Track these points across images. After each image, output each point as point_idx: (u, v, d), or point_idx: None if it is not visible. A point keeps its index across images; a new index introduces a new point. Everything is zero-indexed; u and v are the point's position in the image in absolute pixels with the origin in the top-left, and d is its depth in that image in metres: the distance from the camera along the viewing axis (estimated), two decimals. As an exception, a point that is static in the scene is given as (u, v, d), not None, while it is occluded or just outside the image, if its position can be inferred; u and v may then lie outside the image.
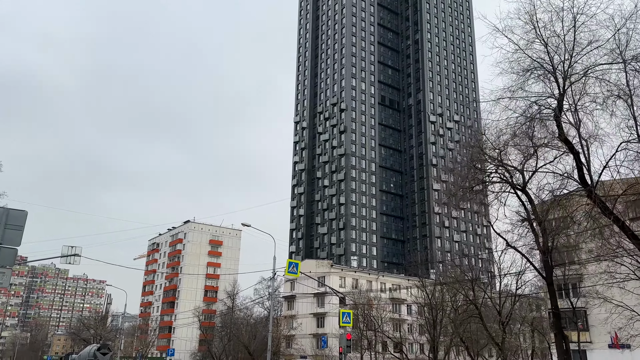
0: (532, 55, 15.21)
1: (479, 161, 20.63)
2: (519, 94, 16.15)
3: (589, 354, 38.26)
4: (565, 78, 14.67)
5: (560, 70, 14.75)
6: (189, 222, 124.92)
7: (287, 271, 27.20)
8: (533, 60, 15.08)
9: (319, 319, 71.10)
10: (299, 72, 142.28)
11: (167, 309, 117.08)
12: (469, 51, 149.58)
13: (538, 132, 18.04)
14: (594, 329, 38.83)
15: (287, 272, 27.04)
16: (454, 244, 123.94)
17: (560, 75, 14.74)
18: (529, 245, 26.21)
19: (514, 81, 15.66)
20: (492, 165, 20.99)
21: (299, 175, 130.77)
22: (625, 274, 33.21)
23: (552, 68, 14.80)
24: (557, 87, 14.87)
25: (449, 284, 49.29)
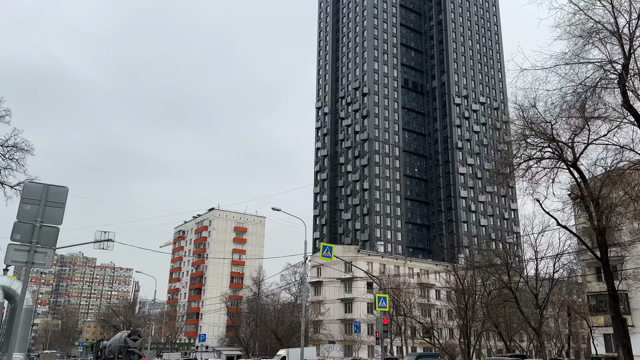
0: (593, 16, 13.98)
1: (528, 136, 19.44)
2: (575, 61, 14.98)
3: (632, 338, 36.84)
4: (631, 40, 13.43)
5: (625, 33, 13.51)
6: (214, 209, 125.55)
7: (321, 255, 26.55)
8: (595, 22, 13.86)
9: (347, 304, 70.73)
10: (319, 57, 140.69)
11: (194, 296, 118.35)
12: (494, 31, 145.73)
13: (590, 104, 16.87)
14: (637, 312, 37.36)
15: (322, 256, 26.39)
16: (481, 229, 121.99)
17: (626, 38, 13.51)
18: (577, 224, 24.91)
19: (571, 48, 14.46)
20: (541, 140, 19.78)
21: (322, 162, 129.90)
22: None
23: (617, 30, 13.57)
24: (622, 51, 13.64)
25: (482, 267, 48.18)
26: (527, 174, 19.86)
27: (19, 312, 9.65)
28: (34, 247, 8.15)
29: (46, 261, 8.26)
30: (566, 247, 40.54)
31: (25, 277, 8.23)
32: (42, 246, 8.28)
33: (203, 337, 57.16)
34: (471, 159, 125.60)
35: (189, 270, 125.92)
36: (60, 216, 8.55)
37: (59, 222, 8.50)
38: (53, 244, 8.41)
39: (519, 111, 20.06)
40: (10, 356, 8.15)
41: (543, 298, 41.53)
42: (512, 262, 41.46)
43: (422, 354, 44.91)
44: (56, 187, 8.66)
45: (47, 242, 8.36)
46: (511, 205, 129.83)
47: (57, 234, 8.49)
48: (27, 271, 8.08)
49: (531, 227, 41.11)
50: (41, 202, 8.38)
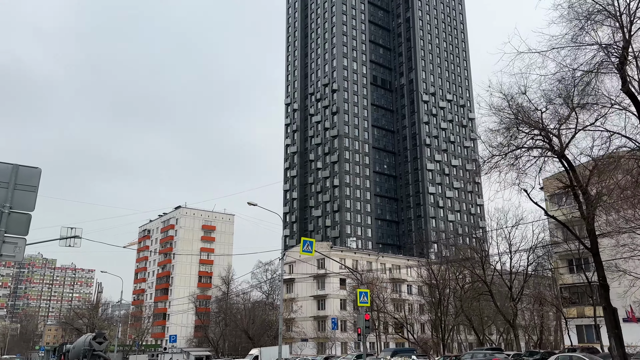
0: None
1: (518, 124, 19.07)
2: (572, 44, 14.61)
3: (603, 330, 37.46)
4: (631, 23, 13.10)
5: (626, 14, 13.17)
6: (181, 207, 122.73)
7: (301, 250, 25.69)
8: (594, 3, 13.47)
9: (320, 301, 70.08)
10: (288, 53, 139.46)
11: (160, 296, 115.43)
12: (460, 29, 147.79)
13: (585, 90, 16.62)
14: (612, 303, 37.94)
15: (302, 250, 25.54)
16: (449, 224, 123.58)
17: (626, 20, 13.17)
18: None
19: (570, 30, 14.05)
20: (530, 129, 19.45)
21: (291, 158, 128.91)
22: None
23: (617, 11, 13.23)
24: (622, 34, 13.30)
25: (456, 261, 48.35)
26: (516, 164, 19.51)
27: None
28: (2, 236, 6.98)
29: (16, 252, 7.10)
30: (540, 240, 41.01)
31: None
32: (11, 235, 7.12)
33: (174, 338, 55.35)
34: (439, 156, 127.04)
35: (155, 270, 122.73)
36: (32, 201, 7.38)
37: (31, 207, 7.34)
38: (24, 232, 7.25)
39: (504, 100, 19.66)
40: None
41: (517, 291, 41.90)
42: (486, 256, 41.56)
43: (398, 349, 44.66)
44: (27, 168, 7.47)
45: (17, 230, 7.19)
46: (477, 201, 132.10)
47: (28, 222, 7.32)
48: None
49: (505, 220, 41.41)
50: (9, 185, 7.19)
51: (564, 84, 16.20)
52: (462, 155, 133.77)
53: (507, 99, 19.63)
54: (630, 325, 37.57)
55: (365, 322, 25.84)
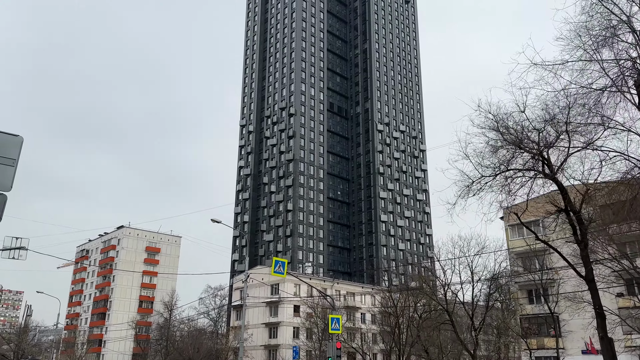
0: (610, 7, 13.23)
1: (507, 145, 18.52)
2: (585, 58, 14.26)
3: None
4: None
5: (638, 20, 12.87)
6: (124, 227, 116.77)
7: (272, 271, 23.90)
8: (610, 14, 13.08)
9: (272, 329, 67.35)
10: (245, 75, 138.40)
11: (97, 321, 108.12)
12: (414, 63, 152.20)
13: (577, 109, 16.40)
14: (570, 334, 38.18)
15: (274, 271, 23.75)
16: (399, 253, 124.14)
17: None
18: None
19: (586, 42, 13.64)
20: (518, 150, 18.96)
21: (244, 181, 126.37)
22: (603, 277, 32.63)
23: (627, 17, 12.92)
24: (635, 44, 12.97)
25: (417, 289, 47.63)
26: (506, 185, 18.89)
27: None
28: (-35, 222, 5.16)
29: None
30: (503, 269, 41.01)
31: None
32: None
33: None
34: (391, 184, 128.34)
35: (93, 293, 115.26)
36: (9, 178, 5.56)
37: (7, 186, 5.53)
38: (6, 188, 5.39)
39: (492, 120, 19.12)
40: None
41: (478, 321, 41.48)
42: (448, 284, 41.03)
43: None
44: (3, 135, 5.67)
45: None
46: (427, 231, 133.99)
47: (3, 205, 5.51)
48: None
49: (467, 248, 41.21)
50: (-22, 155, 5.39)
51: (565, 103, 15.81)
52: (414, 185, 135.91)
53: (495, 119, 19.16)
54: (589, 357, 37.87)
55: (337, 350, 24.20)
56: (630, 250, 34.72)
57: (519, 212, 19.21)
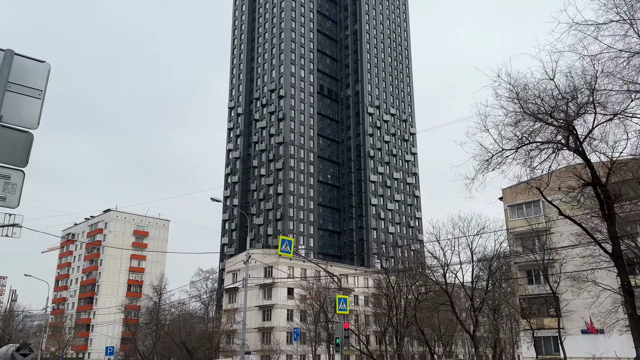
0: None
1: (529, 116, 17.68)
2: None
3: (566, 341, 37.36)
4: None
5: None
6: (111, 210, 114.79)
7: (279, 250, 23.02)
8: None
9: (265, 311, 66.78)
10: (233, 55, 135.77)
11: (84, 305, 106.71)
12: (404, 46, 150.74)
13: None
14: (572, 314, 38.04)
15: (280, 251, 22.87)
16: (389, 236, 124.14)
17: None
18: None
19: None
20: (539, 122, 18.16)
21: (233, 164, 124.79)
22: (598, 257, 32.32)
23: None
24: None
25: (414, 270, 47.24)
26: (527, 159, 18.11)
27: None
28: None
29: (8, 193, 4.24)
30: (504, 250, 40.66)
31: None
32: (1, 163, 4.25)
33: (111, 350, 49.55)
34: (382, 168, 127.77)
35: (79, 278, 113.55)
36: (36, 113, 4.49)
37: (34, 123, 4.48)
38: (21, 162, 4.37)
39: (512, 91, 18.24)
40: None
41: (478, 302, 41.23)
42: (448, 265, 40.60)
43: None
44: (29, 61, 4.53)
45: (10, 157, 4.32)
46: (416, 214, 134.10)
47: (28, 146, 4.44)
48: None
49: (468, 228, 40.75)
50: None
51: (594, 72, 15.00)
52: (403, 169, 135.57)
53: (515, 90, 18.31)
54: (589, 337, 37.81)
55: (345, 331, 23.50)
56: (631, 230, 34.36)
57: (541, 187, 18.43)
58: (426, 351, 64.41)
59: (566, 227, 38.44)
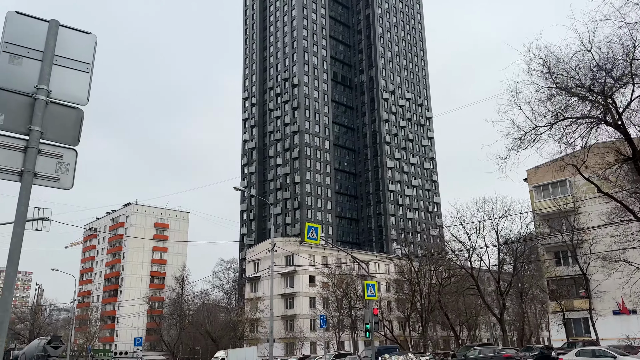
0: None
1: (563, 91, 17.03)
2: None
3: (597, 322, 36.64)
4: None
5: None
6: (131, 204, 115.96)
7: (306, 237, 22.82)
8: None
9: (288, 299, 67.00)
10: (246, 45, 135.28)
11: (109, 298, 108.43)
12: (418, 29, 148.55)
13: None
14: (599, 296, 37.29)
15: (307, 238, 22.67)
16: (407, 222, 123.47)
17: None
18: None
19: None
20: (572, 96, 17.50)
21: (249, 154, 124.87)
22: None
23: None
24: None
25: (440, 254, 46.77)
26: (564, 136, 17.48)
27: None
28: (36, 141, 3.82)
29: (61, 174, 3.95)
30: (530, 231, 39.97)
31: (20, 201, 3.72)
32: (51, 142, 3.98)
33: (139, 341, 50.31)
34: (398, 154, 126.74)
35: (103, 271, 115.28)
36: (85, 88, 4.17)
37: (83, 99, 4.17)
38: (73, 141, 4.07)
39: (544, 66, 17.55)
40: None
41: (505, 285, 40.69)
42: (473, 248, 40.02)
43: (380, 348, 42.37)
44: (75, 33, 4.18)
45: (61, 135, 4.01)
46: (434, 199, 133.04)
47: (79, 122, 4.16)
48: (25, 191, 3.68)
49: (493, 211, 40.10)
50: (46, 57, 4.01)
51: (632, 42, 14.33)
52: (420, 154, 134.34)
53: (547, 64, 17.64)
54: (621, 318, 37.08)
55: (374, 317, 23.26)
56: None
57: (578, 164, 17.80)
58: (450, 335, 64.19)
59: (594, 206, 37.65)
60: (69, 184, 3.97)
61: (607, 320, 37.03)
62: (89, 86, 4.22)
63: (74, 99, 4.17)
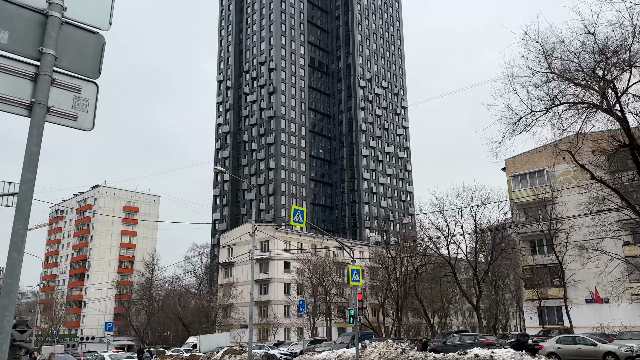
0: None
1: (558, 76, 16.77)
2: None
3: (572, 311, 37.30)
4: None
5: None
6: (99, 186, 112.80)
7: (292, 220, 22.17)
8: None
9: (262, 285, 66.37)
10: (222, 27, 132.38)
11: (75, 282, 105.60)
12: (396, 17, 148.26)
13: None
14: (573, 285, 37.95)
15: (293, 220, 22.02)
16: (381, 210, 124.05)
17: None
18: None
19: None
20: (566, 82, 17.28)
21: (223, 139, 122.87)
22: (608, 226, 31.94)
23: None
24: None
25: (416, 240, 46.84)
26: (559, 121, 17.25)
27: None
28: (49, 68, 3.02)
29: (79, 111, 3.16)
30: (508, 219, 40.27)
31: (30, 140, 2.89)
32: (68, 72, 3.19)
33: (110, 326, 48.85)
34: (373, 142, 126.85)
35: (69, 254, 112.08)
36: (107, 9, 3.40)
37: (105, 23, 3.38)
38: (93, 73, 3.25)
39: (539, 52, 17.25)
40: None
41: (481, 273, 41.02)
42: (451, 236, 40.15)
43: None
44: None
45: (79, 65, 3.21)
46: (408, 188, 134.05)
47: (100, 51, 3.38)
48: (36, 128, 2.86)
49: (472, 200, 40.23)
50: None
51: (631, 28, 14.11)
52: (395, 143, 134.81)
53: (543, 49, 17.35)
54: (594, 306, 37.86)
55: (359, 302, 22.88)
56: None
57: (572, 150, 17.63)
58: (421, 323, 64.83)
59: (571, 196, 38.14)
60: (89, 124, 3.21)
61: (580, 309, 37.77)
62: (111, 8, 3.45)
63: (93, 22, 3.39)
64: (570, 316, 35.44)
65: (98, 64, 3.38)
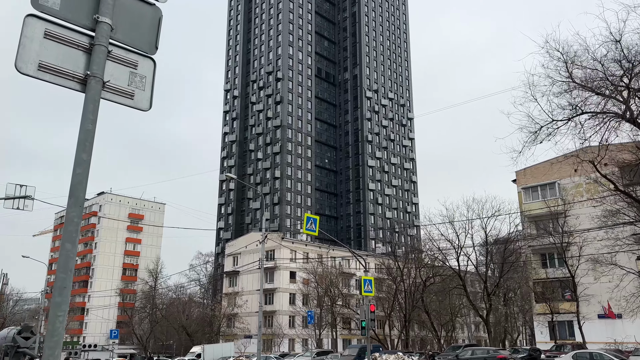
0: None
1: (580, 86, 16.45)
2: None
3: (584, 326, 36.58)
4: None
5: None
6: (105, 193, 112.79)
7: (304, 228, 21.84)
8: None
9: (267, 295, 65.75)
10: (229, 37, 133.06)
11: (79, 289, 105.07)
12: (403, 29, 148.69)
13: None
14: (585, 299, 37.26)
15: (305, 229, 21.69)
16: (386, 221, 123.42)
17: None
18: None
19: None
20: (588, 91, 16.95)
21: (229, 147, 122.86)
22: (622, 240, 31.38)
23: None
24: None
25: (425, 252, 46.29)
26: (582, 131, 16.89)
27: None
28: (105, 36, 2.71)
29: (136, 88, 2.85)
30: (517, 231, 39.77)
31: (85, 117, 2.60)
32: (124, 45, 2.88)
33: (115, 334, 48.33)
34: (379, 153, 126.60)
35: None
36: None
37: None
38: (150, 48, 2.94)
39: (560, 60, 16.95)
40: None
41: (491, 286, 40.39)
42: (461, 248, 39.62)
43: (363, 346, 41.56)
44: None
45: (134, 38, 2.85)
46: (413, 199, 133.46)
47: (157, 25, 3.06)
48: (92, 104, 2.58)
49: (481, 212, 39.74)
50: None
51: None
52: (401, 154, 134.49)
53: (564, 57, 17.07)
54: (606, 322, 37.15)
55: (371, 314, 22.40)
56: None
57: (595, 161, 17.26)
58: (427, 335, 64.02)
59: (583, 209, 37.61)
60: (146, 104, 2.90)
61: (593, 324, 37.03)
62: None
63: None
64: (582, 331, 34.76)
65: (155, 39, 3.09)
